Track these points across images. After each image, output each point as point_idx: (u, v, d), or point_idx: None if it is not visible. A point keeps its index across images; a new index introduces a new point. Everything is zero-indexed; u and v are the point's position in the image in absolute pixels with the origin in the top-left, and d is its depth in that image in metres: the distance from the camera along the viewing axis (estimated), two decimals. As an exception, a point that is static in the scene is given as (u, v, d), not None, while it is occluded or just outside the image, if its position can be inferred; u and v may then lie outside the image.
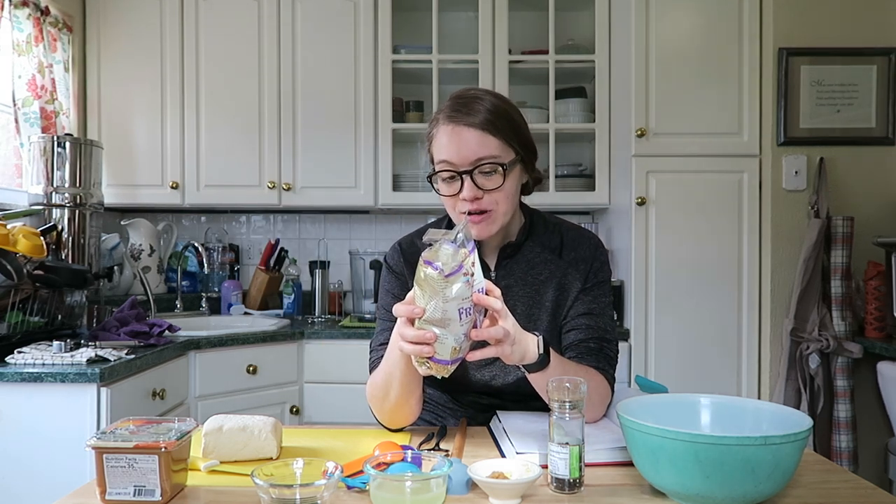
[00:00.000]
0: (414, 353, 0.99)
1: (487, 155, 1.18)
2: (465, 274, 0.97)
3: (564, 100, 2.83)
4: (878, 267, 2.33)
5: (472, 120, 1.18)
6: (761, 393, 2.45)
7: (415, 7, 2.87)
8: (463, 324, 0.98)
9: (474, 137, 1.17)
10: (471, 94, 1.23)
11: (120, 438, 0.89)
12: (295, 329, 2.52)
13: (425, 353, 0.98)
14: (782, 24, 2.44)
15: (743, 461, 0.81)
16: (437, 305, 0.97)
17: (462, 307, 0.97)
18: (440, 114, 1.22)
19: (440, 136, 1.20)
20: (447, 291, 0.96)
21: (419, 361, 1.01)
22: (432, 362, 1.00)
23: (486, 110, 1.19)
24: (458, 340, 0.98)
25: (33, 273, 1.92)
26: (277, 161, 2.78)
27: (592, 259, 1.30)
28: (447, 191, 1.21)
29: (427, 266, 0.97)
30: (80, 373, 1.69)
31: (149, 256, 2.86)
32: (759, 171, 2.47)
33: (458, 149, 1.17)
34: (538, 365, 1.09)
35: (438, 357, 0.99)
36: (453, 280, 0.96)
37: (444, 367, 1.00)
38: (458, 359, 1.00)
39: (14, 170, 2.45)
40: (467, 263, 0.97)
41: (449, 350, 0.98)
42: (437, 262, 0.96)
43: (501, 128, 1.19)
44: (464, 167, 1.18)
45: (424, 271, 0.97)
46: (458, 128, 1.18)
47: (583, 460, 0.94)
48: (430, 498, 0.85)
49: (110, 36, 2.75)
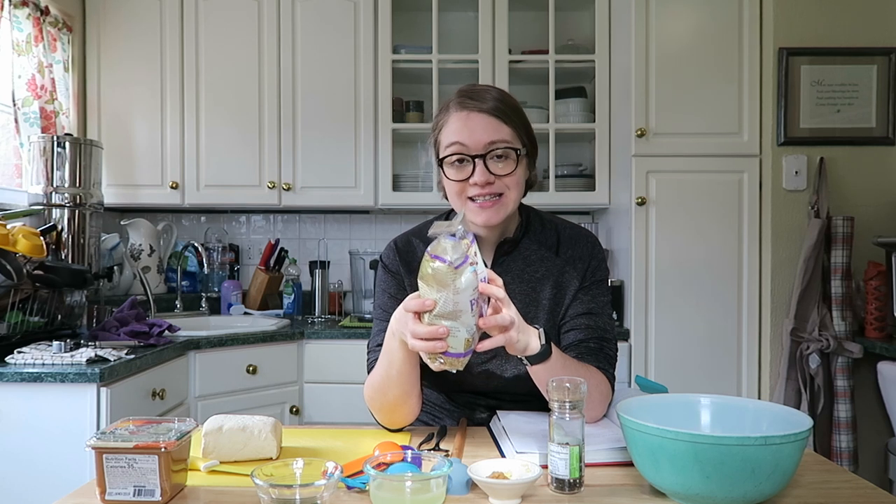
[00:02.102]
0: (427, 349, 0.99)
1: (500, 139, 1.19)
2: (471, 264, 0.97)
3: (564, 100, 2.83)
4: (878, 267, 2.33)
5: (485, 106, 1.20)
6: (761, 393, 2.45)
7: (415, 7, 2.87)
8: (474, 314, 0.98)
9: (488, 122, 1.19)
10: (480, 86, 1.25)
11: (120, 438, 0.89)
12: (295, 329, 2.52)
13: (439, 350, 0.98)
14: (782, 24, 2.44)
15: (743, 461, 0.81)
16: (448, 298, 0.97)
17: (472, 298, 0.97)
18: (450, 103, 1.23)
19: (452, 121, 1.21)
20: (457, 283, 0.96)
21: (431, 357, 1.01)
22: (446, 357, 1.00)
23: (498, 100, 1.21)
24: (469, 331, 0.98)
25: (33, 273, 1.92)
26: (277, 161, 2.78)
27: (590, 257, 1.30)
28: (457, 175, 1.21)
29: (435, 260, 0.97)
30: (80, 373, 1.70)
31: (149, 256, 2.86)
32: (759, 171, 2.47)
33: (471, 132, 1.18)
34: (540, 356, 1.09)
35: (452, 351, 0.99)
36: (462, 271, 0.96)
37: (458, 360, 1.00)
38: (471, 350, 1.00)
39: (14, 170, 2.45)
40: (471, 253, 0.98)
41: (462, 342, 0.98)
42: (444, 256, 0.96)
43: (512, 117, 1.21)
44: (476, 151, 1.18)
45: (432, 266, 0.97)
46: (472, 113, 1.19)
47: (583, 460, 0.94)
48: (430, 498, 0.85)
49: (110, 36, 2.75)
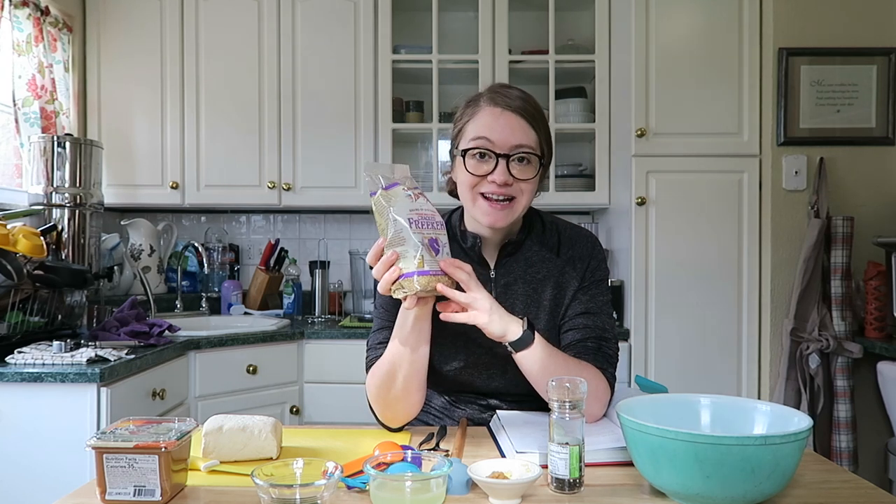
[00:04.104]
0: (387, 281, 1.06)
1: (527, 144, 1.20)
2: (405, 189, 1.07)
3: (564, 100, 2.83)
4: (878, 267, 2.33)
5: (518, 106, 1.21)
6: (761, 393, 2.45)
7: (415, 7, 2.87)
8: (415, 232, 1.05)
9: (518, 124, 1.20)
10: (512, 87, 1.26)
11: (120, 438, 0.89)
12: (295, 329, 2.52)
13: (395, 275, 1.05)
14: (782, 24, 2.44)
15: (743, 461, 0.81)
16: (390, 224, 1.06)
17: (411, 218, 1.05)
18: (481, 98, 1.24)
19: (483, 115, 1.21)
20: (392, 205, 1.06)
21: (394, 290, 1.07)
22: (403, 280, 1.06)
23: (529, 103, 1.22)
24: (417, 249, 1.05)
25: (33, 273, 1.92)
26: (277, 161, 2.78)
27: (589, 257, 1.30)
28: (476, 169, 1.20)
29: (371, 196, 1.08)
30: (80, 373, 1.70)
31: (149, 256, 2.86)
32: (759, 171, 2.47)
33: (500, 130, 1.19)
34: (521, 343, 1.12)
35: (406, 272, 1.05)
36: (393, 192, 1.07)
37: (412, 281, 1.05)
38: (426, 272, 1.05)
39: (14, 170, 2.45)
40: (401, 179, 1.09)
41: (413, 263, 1.05)
42: (375, 188, 1.07)
43: (540, 124, 1.23)
44: (502, 150, 1.19)
45: (371, 202, 1.07)
46: (505, 111, 1.20)
47: (583, 460, 0.94)
48: (430, 498, 0.85)
49: (110, 36, 2.75)
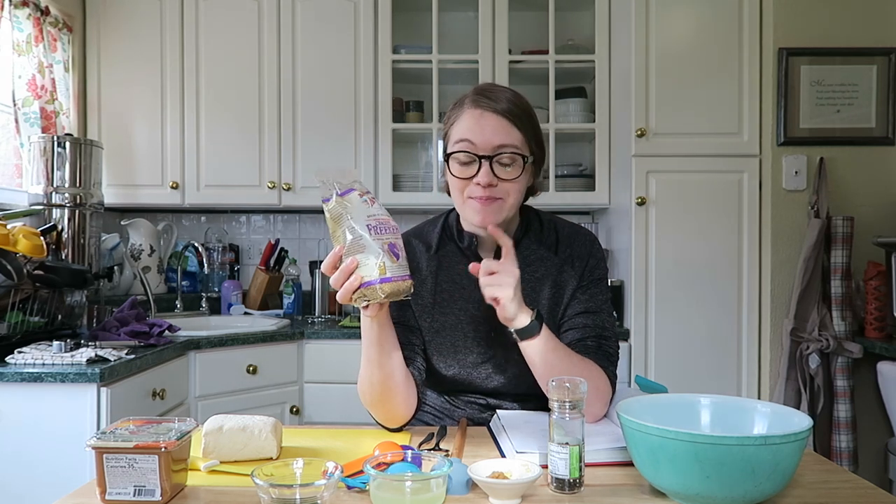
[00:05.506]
0: (348, 290, 1.01)
1: (510, 144, 1.19)
2: (360, 194, 1.02)
3: (564, 100, 2.83)
4: (878, 267, 2.33)
5: (499, 107, 1.20)
6: (761, 393, 2.45)
7: (415, 7, 2.87)
8: (375, 238, 1.00)
9: (499, 125, 1.19)
10: (497, 87, 1.25)
11: (120, 438, 0.89)
12: (295, 329, 2.52)
13: (355, 284, 1.00)
14: (782, 24, 2.44)
15: (743, 461, 0.81)
16: (346, 232, 1.00)
17: (369, 224, 1.00)
18: (465, 100, 1.24)
19: (465, 118, 1.21)
20: (348, 211, 1.00)
21: (356, 298, 1.01)
22: (364, 289, 1.00)
23: (513, 103, 1.21)
24: (378, 255, 0.99)
25: (33, 273, 1.92)
26: (277, 161, 2.78)
27: (588, 256, 1.30)
28: (461, 173, 1.21)
29: (325, 203, 1.02)
30: (80, 373, 1.70)
31: (149, 256, 2.86)
32: (759, 171, 2.47)
33: (482, 132, 1.19)
34: (528, 332, 1.12)
35: (367, 279, 1.00)
36: (349, 199, 1.01)
37: (375, 289, 1.00)
38: (389, 279, 1.00)
39: (14, 170, 2.45)
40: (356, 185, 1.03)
41: (375, 270, 0.99)
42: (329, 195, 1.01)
43: (525, 124, 1.21)
44: (484, 152, 1.18)
45: (326, 210, 1.02)
46: (486, 113, 1.20)
47: (583, 460, 0.94)
48: (430, 498, 0.85)
49: (110, 36, 2.75)
